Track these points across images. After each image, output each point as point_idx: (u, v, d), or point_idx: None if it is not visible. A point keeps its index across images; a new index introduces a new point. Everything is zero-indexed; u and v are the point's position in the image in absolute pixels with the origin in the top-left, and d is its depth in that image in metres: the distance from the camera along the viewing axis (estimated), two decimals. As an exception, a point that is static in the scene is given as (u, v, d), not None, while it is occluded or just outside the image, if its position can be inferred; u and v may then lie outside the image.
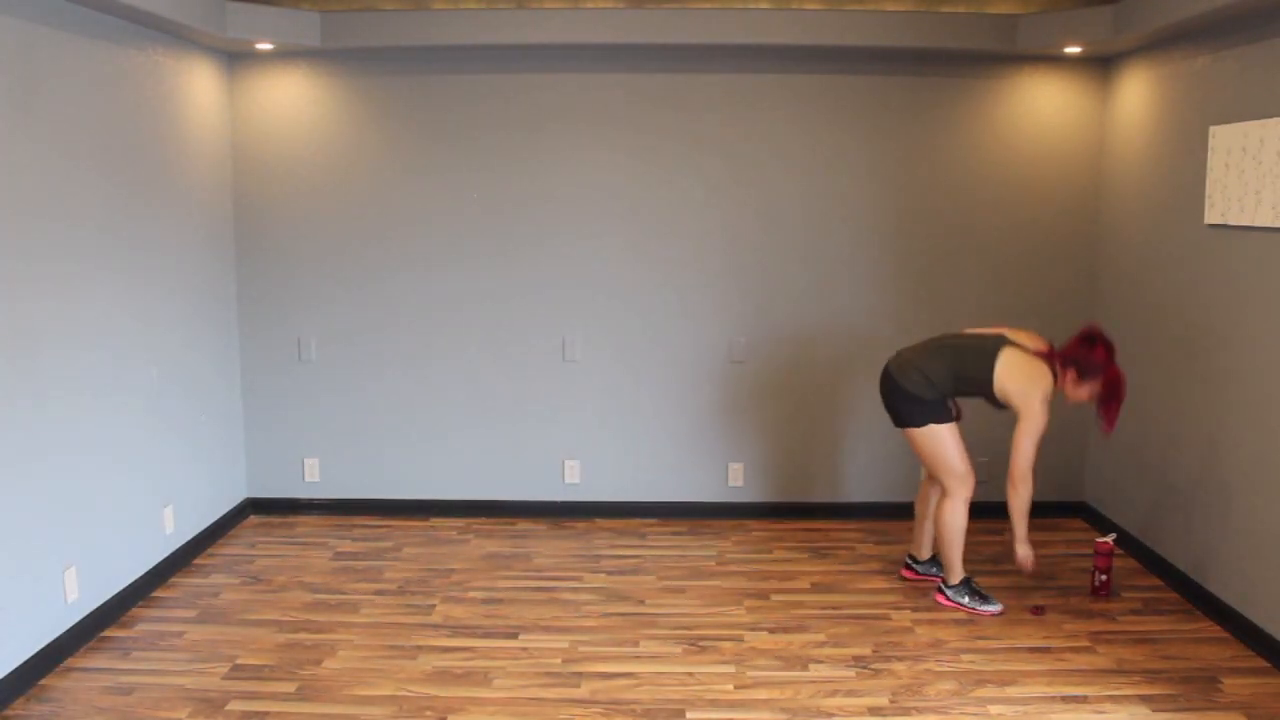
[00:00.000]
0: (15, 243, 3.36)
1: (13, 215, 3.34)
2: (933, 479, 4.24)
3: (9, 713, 3.26)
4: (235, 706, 3.31)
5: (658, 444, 5.20)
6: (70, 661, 3.62)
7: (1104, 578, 4.20)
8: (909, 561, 4.42)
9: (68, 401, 3.66)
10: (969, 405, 5.15)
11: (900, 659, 3.66)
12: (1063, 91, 4.98)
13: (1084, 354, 3.89)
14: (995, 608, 4.05)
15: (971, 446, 5.17)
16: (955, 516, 4.07)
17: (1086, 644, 3.77)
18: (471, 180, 5.05)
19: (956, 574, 4.11)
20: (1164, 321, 4.42)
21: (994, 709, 3.31)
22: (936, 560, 4.36)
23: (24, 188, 3.41)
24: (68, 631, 3.65)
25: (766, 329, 5.10)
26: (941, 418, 4.05)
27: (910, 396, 4.02)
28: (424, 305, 5.10)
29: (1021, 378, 3.91)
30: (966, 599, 4.08)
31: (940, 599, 4.14)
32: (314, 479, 5.24)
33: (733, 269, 5.07)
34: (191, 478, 4.65)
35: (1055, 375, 3.95)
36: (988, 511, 5.19)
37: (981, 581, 4.37)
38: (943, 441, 4.04)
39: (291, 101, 5.01)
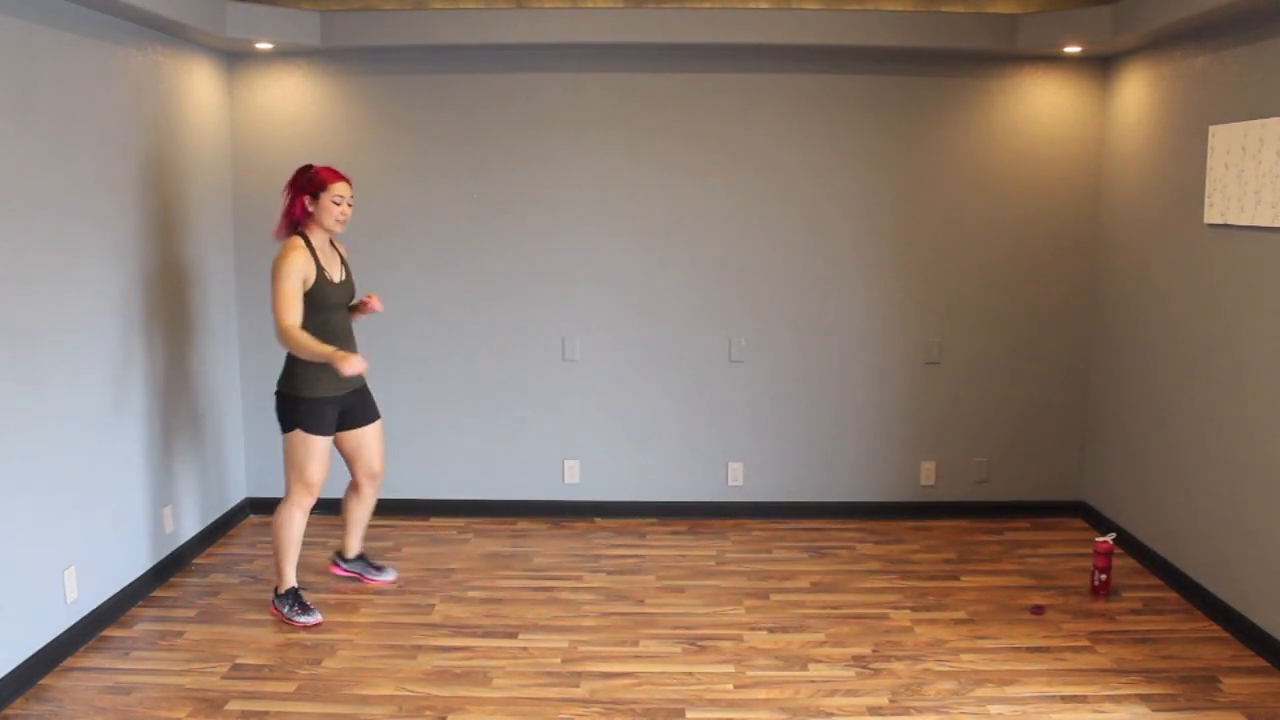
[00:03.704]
0: (14, 242, 3.36)
1: (12, 215, 3.34)
2: (362, 478, 4.21)
3: (9, 712, 3.26)
4: (235, 706, 3.31)
5: (658, 444, 5.20)
6: (70, 661, 3.62)
7: (1104, 577, 4.20)
8: (337, 559, 4.41)
9: (67, 401, 3.66)
10: (969, 402, 5.15)
11: (900, 658, 3.66)
12: (1062, 91, 4.98)
13: (294, 184, 3.91)
14: (312, 619, 3.93)
15: (969, 445, 5.20)
16: (294, 524, 3.97)
17: (1086, 644, 3.77)
18: (471, 180, 5.05)
19: (287, 581, 4.00)
20: (1163, 321, 4.42)
21: (994, 709, 3.31)
22: (364, 558, 4.39)
23: (23, 187, 3.41)
24: (68, 631, 3.65)
25: (766, 329, 5.10)
26: (308, 424, 3.89)
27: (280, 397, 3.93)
28: (423, 304, 5.10)
29: (274, 262, 3.83)
30: (286, 609, 3.96)
31: (273, 609, 4.01)
32: (314, 479, 5.24)
33: (733, 269, 5.07)
34: (191, 477, 4.65)
35: (302, 233, 3.89)
36: (988, 511, 5.21)
37: (981, 580, 4.38)
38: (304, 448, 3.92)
39: (291, 101, 5.01)
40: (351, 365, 3.76)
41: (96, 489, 3.86)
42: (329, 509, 5.22)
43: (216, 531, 4.87)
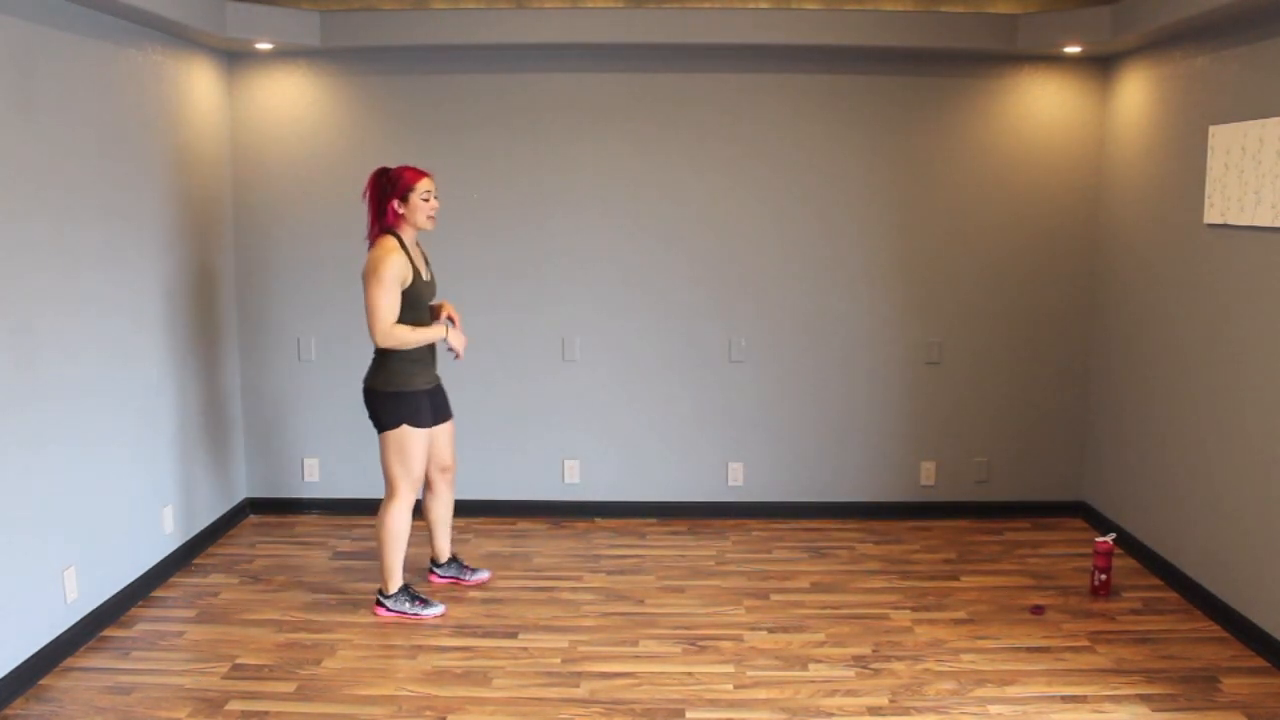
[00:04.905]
0: (14, 243, 3.36)
1: (11, 216, 3.34)
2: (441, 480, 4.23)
3: (9, 712, 3.26)
4: (235, 706, 3.31)
5: (658, 444, 5.20)
6: (70, 661, 3.62)
7: (1104, 577, 4.20)
8: (432, 567, 4.38)
9: (67, 402, 3.66)
10: (969, 402, 5.15)
11: (900, 658, 3.66)
12: (1062, 91, 4.98)
13: (377, 189, 3.87)
14: (437, 610, 4.02)
15: (969, 445, 5.20)
16: (400, 520, 3.98)
17: (1086, 644, 3.77)
18: (471, 180, 5.05)
19: (396, 580, 4.02)
20: (1163, 321, 4.42)
21: (994, 709, 3.31)
22: (457, 560, 4.39)
23: (23, 188, 3.41)
24: (67, 631, 3.65)
25: (766, 329, 5.10)
26: (415, 419, 3.93)
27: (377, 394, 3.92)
28: (424, 305, 5.10)
29: (369, 263, 3.80)
30: (407, 605, 4.01)
31: (379, 611, 4.02)
32: (313, 479, 5.24)
33: (733, 269, 5.07)
34: (191, 478, 4.65)
35: (394, 233, 3.85)
36: (988, 511, 5.21)
37: (981, 580, 4.38)
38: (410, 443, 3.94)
39: (291, 101, 5.01)
40: (458, 337, 3.99)
41: (96, 489, 3.86)
42: (338, 509, 5.23)
43: (216, 531, 4.87)
